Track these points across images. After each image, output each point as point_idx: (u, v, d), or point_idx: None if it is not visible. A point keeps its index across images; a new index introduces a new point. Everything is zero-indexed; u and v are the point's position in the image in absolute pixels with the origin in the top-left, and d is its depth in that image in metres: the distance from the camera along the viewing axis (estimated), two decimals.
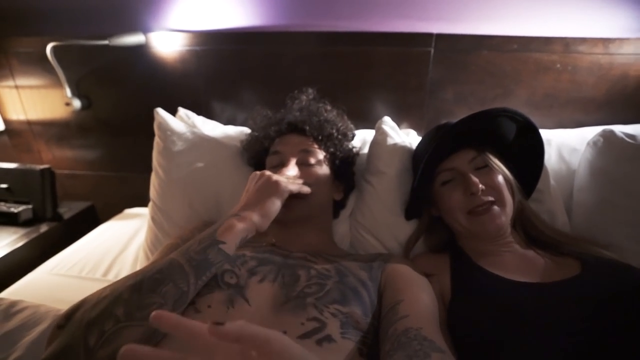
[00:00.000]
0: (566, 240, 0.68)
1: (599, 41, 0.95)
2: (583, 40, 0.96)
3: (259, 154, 0.83)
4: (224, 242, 0.52)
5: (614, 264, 0.60)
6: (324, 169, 0.76)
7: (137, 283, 0.46)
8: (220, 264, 0.51)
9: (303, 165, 0.74)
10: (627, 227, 0.74)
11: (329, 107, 0.85)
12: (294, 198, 0.68)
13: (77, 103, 1.21)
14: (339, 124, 0.83)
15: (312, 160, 0.75)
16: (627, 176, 0.75)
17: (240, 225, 0.54)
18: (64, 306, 0.74)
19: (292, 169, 0.70)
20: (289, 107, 0.85)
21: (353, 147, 0.87)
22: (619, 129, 0.80)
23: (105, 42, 1.06)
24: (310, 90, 0.87)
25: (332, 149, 0.79)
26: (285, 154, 0.75)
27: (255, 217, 0.56)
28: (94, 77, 1.21)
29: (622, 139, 0.76)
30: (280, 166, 0.74)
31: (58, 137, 1.31)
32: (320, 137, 0.78)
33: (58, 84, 1.19)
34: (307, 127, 0.78)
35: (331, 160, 0.80)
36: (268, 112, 0.87)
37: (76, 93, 1.22)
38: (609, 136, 0.78)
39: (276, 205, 0.58)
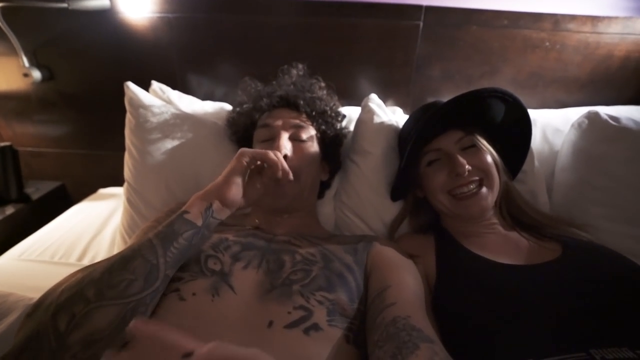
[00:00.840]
0: (548, 222, 0.69)
1: (588, 19, 0.94)
2: (573, 17, 0.94)
3: (245, 128, 0.79)
4: (187, 212, 0.52)
5: (592, 246, 0.61)
6: (315, 147, 0.74)
7: (109, 264, 0.45)
8: (187, 233, 0.50)
9: (295, 140, 0.71)
10: (601, 206, 0.76)
11: (322, 84, 0.83)
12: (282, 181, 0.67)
13: (36, 74, 1.10)
14: (331, 103, 0.81)
15: (305, 136, 0.72)
16: (605, 156, 0.76)
17: (201, 194, 0.54)
18: (36, 294, 0.70)
19: (284, 143, 0.67)
20: (280, 80, 0.82)
21: (343, 128, 0.85)
22: (604, 110, 0.80)
23: (64, 4, 0.95)
24: (300, 66, 0.84)
25: (323, 127, 0.77)
26: (276, 127, 0.71)
27: (217, 181, 0.55)
28: (54, 45, 1.10)
29: (606, 120, 0.77)
30: (269, 140, 0.71)
31: (17, 111, 1.20)
32: (313, 114, 0.76)
33: (13, 52, 1.07)
34: (301, 102, 0.75)
35: (321, 139, 0.77)
36: (257, 83, 0.83)
37: (35, 63, 1.10)
38: (593, 118, 0.79)
39: (239, 163, 0.55)
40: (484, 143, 0.67)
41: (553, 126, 0.92)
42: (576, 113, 0.86)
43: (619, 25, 0.94)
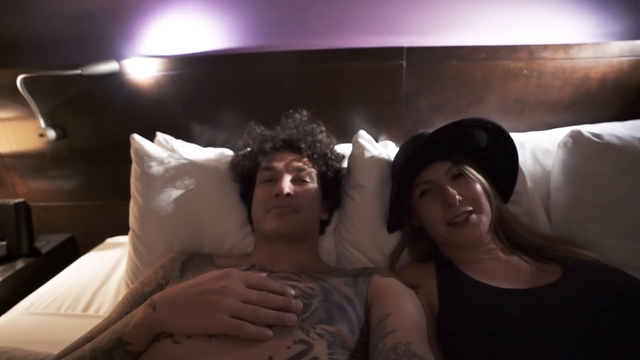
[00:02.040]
0: (547, 243, 0.68)
1: (560, 47, 1.00)
2: (545, 46, 1.00)
3: (249, 170, 0.83)
4: (130, 344, 0.47)
5: (592, 266, 0.60)
6: (316, 187, 0.77)
7: None
8: None
9: (297, 182, 0.75)
10: (600, 223, 0.76)
11: (323, 128, 0.88)
12: (287, 211, 0.70)
13: (51, 134, 1.18)
14: (331, 146, 0.85)
15: (307, 178, 0.76)
16: (596, 174, 0.77)
17: (153, 323, 0.48)
18: (42, 348, 0.71)
19: (286, 185, 0.71)
20: (283, 124, 0.87)
21: (341, 168, 0.88)
22: (586, 129, 0.83)
23: (78, 71, 1.05)
24: (305, 112, 0.89)
25: (324, 169, 0.81)
26: (279, 170, 0.75)
27: (175, 322, 0.48)
28: (68, 106, 1.19)
29: (589, 138, 0.79)
30: (272, 181, 0.75)
31: (32, 169, 1.27)
32: (315, 156, 0.80)
33: (31, 115, 1.17)
34: (303, 145, 0.79)
35: (322, 179, 0.81)
36: (262, 127, 0.88)
37: (50, 123, 1.19)
38: (577, 137, 0.81)
39: (213, 321, 0.47)
40: (472, 172, 0.68)
41: (542, 147, 0.94)
42: (563, 133, 0.88)
43: (590, 51, 1.00)
